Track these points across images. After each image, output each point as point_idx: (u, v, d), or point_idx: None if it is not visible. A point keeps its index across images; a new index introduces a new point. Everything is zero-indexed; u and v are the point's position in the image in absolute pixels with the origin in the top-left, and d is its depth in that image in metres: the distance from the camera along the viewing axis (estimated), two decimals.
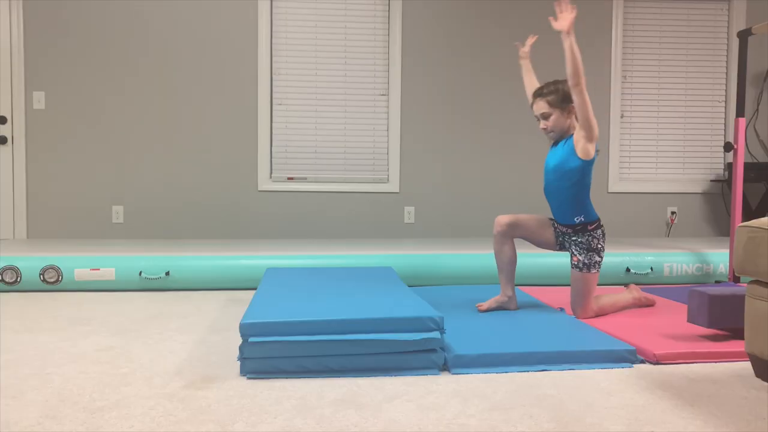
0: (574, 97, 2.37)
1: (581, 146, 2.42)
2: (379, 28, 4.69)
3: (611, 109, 4.87)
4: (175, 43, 4.53)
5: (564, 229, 2.57)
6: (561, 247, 2.63)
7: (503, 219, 2.61)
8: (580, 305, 2.52)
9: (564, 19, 2.33)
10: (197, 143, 4.58)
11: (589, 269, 2.50)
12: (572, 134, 2.47)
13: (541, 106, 2.54)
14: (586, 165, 2.45)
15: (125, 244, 3.93)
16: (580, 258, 2.51)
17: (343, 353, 1.88)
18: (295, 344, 1.85)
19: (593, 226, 2.52)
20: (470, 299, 2.80)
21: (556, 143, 2.57)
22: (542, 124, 2.55)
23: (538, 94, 2.54)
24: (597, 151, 2.47)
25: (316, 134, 4.67)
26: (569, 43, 2.32)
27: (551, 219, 2.64)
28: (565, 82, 2.45)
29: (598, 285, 3.53)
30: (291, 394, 1.71)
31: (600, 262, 2.52)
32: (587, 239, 2.51)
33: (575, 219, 2.51)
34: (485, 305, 2.56)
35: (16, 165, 4.45)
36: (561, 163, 2.49)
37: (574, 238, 2.54)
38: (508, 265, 2.61)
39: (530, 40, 2.82)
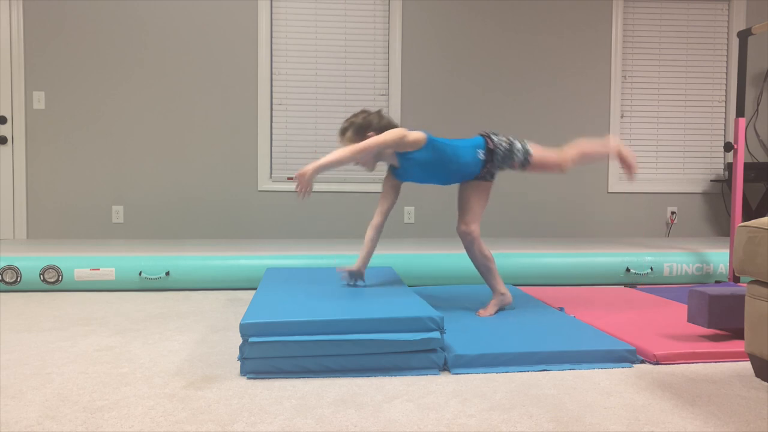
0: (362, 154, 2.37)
1: (410, 146, 2.39)
2: (379, 28, 4.69)
3: (611, 109, 4.87)
4: (175, 43, 4.54)
5: (488, 170, 2.54)
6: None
7: (467, 228, 2.56)
8: (555, 165, 2.55)
9: (303, 184, 2.30)
10: (197, 143, 4.58)
11: (527, 159, 2.50)
12: (393, 152, 2.44)
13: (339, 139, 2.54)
14: (432, 147, 2.41)
15: (125, 244, 3.93)
16: (516, 164, 2.52)
17: (343, 353, 1.88)
18: (295, 344, 1.85)
19: (490, 144, 2.49)
20: (470, 299, 2.80)
21: (393, 168, 2.53)
22: (354, 163, 2.49)
23: (339, 136, 2.52)
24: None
25: (316, 134, 4.67)
26: (330, 163, 2.32)
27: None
28: (357, 114, 2.50)
29: (598, 285, 3.54)
30: (291, 394, 1.71)
31: (521, 143, 2.50)
32: (500, 154, 2.48)
33: (480, 159, 2.47)
34: (487, 311, 2.54)
35: (16, 165, 4.45)
36: (426, 169, 2.46)
37: (498, 166, 2.52)
38: (489, 265, 2.59)
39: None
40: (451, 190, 4.80)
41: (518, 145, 2.50)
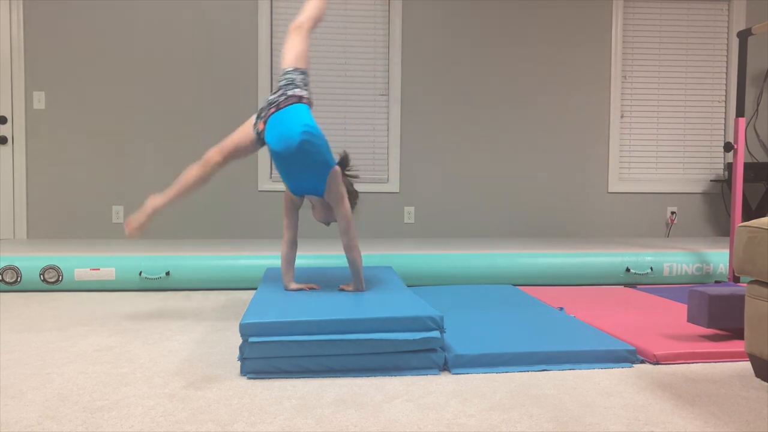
0: None
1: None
2: (379, 28, 4.69)
3: (611, 109, 4.87)
4: (176, 43, 4.53)
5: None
6: None
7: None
8: None
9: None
10: (197, 143, 4.58)
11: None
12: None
13: None
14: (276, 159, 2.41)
15: (125, 244, 3.93)
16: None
17: (343, 353, 1.88)
18: (295, 344, 1.85)
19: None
20: (470, 299, 2.80)
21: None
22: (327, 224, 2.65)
23: None
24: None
25: None
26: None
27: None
28: None
29: (598, 285, 3.54)
30: (291, 394, 1.71)
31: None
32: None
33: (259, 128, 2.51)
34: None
35: (16, 165, 4.45)
36: (292, 166, 2.40)
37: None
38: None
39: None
40: (449, 192, 4.76)
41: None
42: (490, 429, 1.48)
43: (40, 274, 3.20)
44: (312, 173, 2.37)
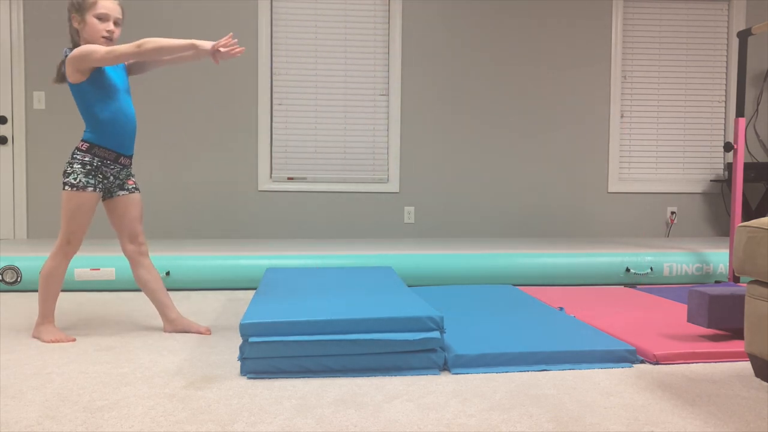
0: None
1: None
2: (379, 28, 4.69)
3: (611, 109, 4.87)
4: None
5: (126, 162, 2.39)
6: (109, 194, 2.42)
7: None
8: (142, 226, 2.46)
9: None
10: (197, 143, 4.58)
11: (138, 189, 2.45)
12: None
13: (117, 9, 2.35)
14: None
15: None
16: (134, 180, 2.46)
17: (343, 353, 1.88)
18: (295, 344, 1.85)
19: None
20: (470, 299, 2.80)
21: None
22: (112, 29, 2.31)
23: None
24: None
25: (316, 134, 4.67)
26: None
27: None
28: None
29: (598, 285, 3.54)
30: (291, 394, 1.71)
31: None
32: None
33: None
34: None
35: (16, 165, 4.45)
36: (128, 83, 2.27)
37: (128, 169, 2.42)
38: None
39: None
40: (449, 192, 4.76)
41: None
42: (490, 429, 1.48)
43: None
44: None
